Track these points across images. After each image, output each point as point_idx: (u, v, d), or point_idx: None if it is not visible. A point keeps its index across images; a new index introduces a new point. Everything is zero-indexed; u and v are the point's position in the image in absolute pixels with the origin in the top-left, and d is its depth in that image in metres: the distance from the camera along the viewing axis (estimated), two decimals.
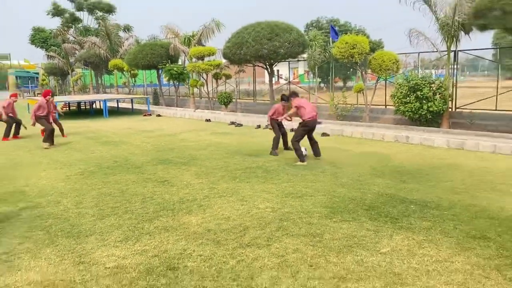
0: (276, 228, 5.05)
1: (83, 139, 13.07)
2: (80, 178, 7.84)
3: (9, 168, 8.90)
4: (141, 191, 6.85)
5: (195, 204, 6.10)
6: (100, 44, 31.23)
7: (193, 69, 20.58)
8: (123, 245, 4.66)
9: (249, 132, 14.02)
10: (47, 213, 5.86)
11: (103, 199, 6.46)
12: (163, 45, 23.45)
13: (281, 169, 8.25)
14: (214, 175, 7.82)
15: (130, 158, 9.69)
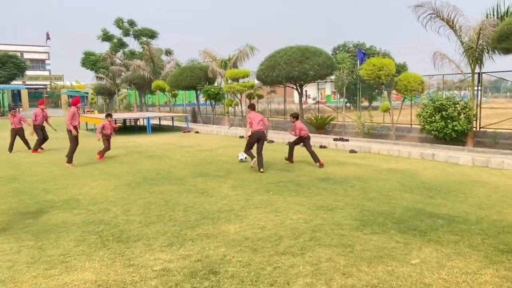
0: (309, 238, 5.05)
1: (129, 153, 13.43)
2: (128, 189, 8.06)
3: (64, 178, 9.25)
4: (183, 201, 6.99)
5: (232, 214, 6.17)
6: (144, 66, 32.22)
7: (229, 90, 20.92)
8: (168, 250, 4.77)
9: (279, 148, 14.05)
10: (99, 219, 6.05)
11: (149, 207, 6.62)
12: (202, 68, 23.97)
13: (311, 183, 8.23)
14: (249, 188, 7.89)
15: (172, 171, 9.90)
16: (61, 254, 4.71)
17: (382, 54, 33.66)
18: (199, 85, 23.54)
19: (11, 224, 5.83)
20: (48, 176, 9.52)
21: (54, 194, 7.65)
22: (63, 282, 4.02)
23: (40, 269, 4.29)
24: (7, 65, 47.20)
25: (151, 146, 15.12)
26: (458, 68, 13.31)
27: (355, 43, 41.86)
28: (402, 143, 13.72)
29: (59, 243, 5.04)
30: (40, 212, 6.46)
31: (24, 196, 7.57)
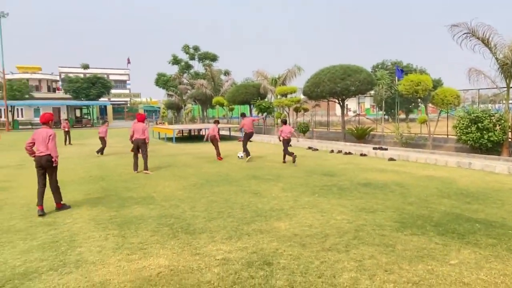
0: (353, 237, 4.91)
1: (194, 158, 13.81)
2: (194, 188, 8.28)
3: (142, 179, 9.68)
4: (240, 200, 7.06)
5: (282, 213, 6.15)
6: (206, 85, 33.16)
7: (278, 104, 20.97)
8: (228, 242, 4.83)
9: (323, 156, 13.85)
10: (170, 214, 6.26)
11: (211, 205, 6.76)
12: (255, 86, 24.26)
13: (353, 187, 8.02)
14: (297, 190, 7.83)
15: (230, 174, 10.05)
16: (140, 242, 4.92)
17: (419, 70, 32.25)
18: (253, 100, 23.85)
19: (100, 216, 6.19)
20: (129, 176, 10.02)
21: (133, 192, 8.02)
22: (142, 265, 4.19)
23: (123, 254, 4.51)
24: (96, 85, 50.48)
25: (212, 153, 15.37)
26: (493, 83, 12.45)
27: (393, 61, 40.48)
28: (439, 152, 13.01)
29: (138, 233, 5.27)
30: (123, 206, 6.80)
31: (109, 192, 8.01)
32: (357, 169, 10.43)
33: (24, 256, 4.47)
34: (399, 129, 15.67)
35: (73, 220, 5.93)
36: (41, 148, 6.47)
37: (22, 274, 4.00)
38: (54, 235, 5.23)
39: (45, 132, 6.51)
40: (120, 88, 74.54)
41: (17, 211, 6.57)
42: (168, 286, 3.69)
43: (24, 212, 6.48)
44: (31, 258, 4.41)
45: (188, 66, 45.82)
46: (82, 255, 4.48)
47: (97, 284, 3.76)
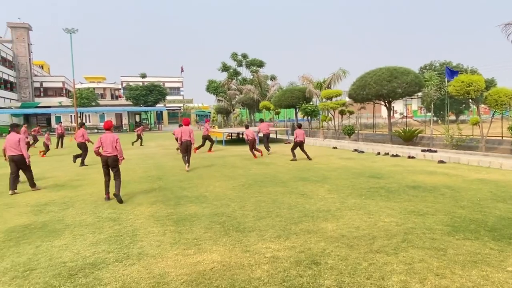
0: (402, 240, 4.71)
1: (242, 160, 13.98)
2: (243, 189, 8.39)
3: (195, 179, 9.98)
4: (287, 200, 7.04)
5: (329, 214, 6.04)
6: (254, 90, 33.49)
7: (323, 107, 20.65)
8: (277, 240, 4.84)
9: (369, 158, 13.41)
10: (221, 212, 6.39)
11: (260, 205, 6.80)
12: (300, 90, 24.09)
13: (401, 190, 7.68)
14: (343, 192, 7.65)
15: (277, 175, 10.06)
16: (194, 238, 5.08)
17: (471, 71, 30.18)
18: (298, 104, 23.71)
19: (159, 213, 6.47)
20: (183, 176, 10.37)
21: (188, 191, 8.30)
22: (197, 260, 4.33)
23: (180, 249, 4.68)
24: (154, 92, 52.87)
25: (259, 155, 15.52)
26: None
27: (441, 62, 38.27)
28: (492, 154, 12.08)
29: (193, 230, 5.45)
30: (178, 204, 7.05)
31: (166, 191, 8.35)
32: (405, 172, 9.99)
33: (93, 248, 4.80)
34: (449, 131, 14.77)
35: (135, 217, 6.26)
36: (109, 149, 7.54)
37: (92, 264, 4.29)
38: (118, 229, 5.56)
39: (112, 136, 7.62)
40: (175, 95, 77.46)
41: (87, 207, 7.07)
42: (221, 280, 3.77)
43: (92, 208, 6.95)
44: (99, 250, 4.72)
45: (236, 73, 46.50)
46: (143, 249, 4.72)
47: (157, 276, 3.94)
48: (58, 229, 5.65)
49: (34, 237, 5.32)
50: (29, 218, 6.37)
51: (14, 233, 5.53)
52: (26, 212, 6.80)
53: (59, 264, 4.30)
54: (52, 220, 6.17)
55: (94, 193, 8.34)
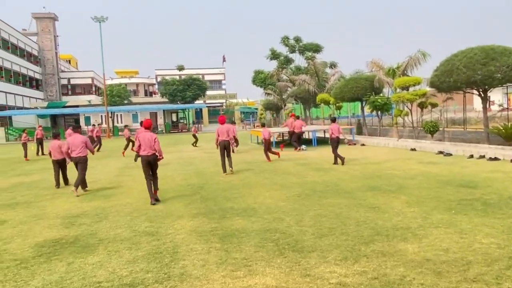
0: (506, 267, 4.42)
1: (296, 165, 13.97)
2: (298, 200, 8.38)
3: (241, 188, 10.15)
4: (354, 215, 6.91)
5: (409, 232, 5.83)
6: (309, 81, 33.27)
7: (397, 99, 19.98)
8: (343, 264, 4.77)
9: (459, 162, 12.75)
10: (274, 228, 6.42)
11: (320, 219, 6.75)
12: (367, 78, 23.54)
13: (504, 203, 7.21)
14: (426, 205, 7.35)
15: (340, 183, 9.92)
16: (244, 257, 5.16)
17: None
18: (365, 96, 23.15)
19: (201, 227, 6.66)
20: (227, 185, 10.59)
21: (233, 202, 8.46)
22: (248, 284, 4.38)
23: (227, 270, 4.78)
24: (192, 87, 54.55)
25: (317, 159, 15.44)
26: None
27: None
28: None
29: (242, 248, 5.54)
30: (223, 218, 7.21)
31: (209, 202, 8.58)
32: (508, 179, 9.36)
33: (130, 267, 5.05)
34: None
35: (175, 231, 6.50)
36: (148, 149, 8.71)
37: (129, 285, 4.52)
38: (157, 246, 5.80)
39: (150, 135, 8.77)
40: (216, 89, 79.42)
41: (122, 219, 7.46)
42: None
43: (128, 221, 7.33)
44: (137, 269, 4.96)
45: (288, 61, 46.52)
46: (185, 269, 4.88)
47: None
48: (91, 244, 6.03)
49: (66, 253, 5.72)
50: (59, 231, 6.87)
51: (44, 248, 5.99)
52: (56, 224, 7.33)
53: (94, 284, 4.58)
54: (84, 234, 6.60)
55: (129, 204, 8.78)
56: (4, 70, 54.02)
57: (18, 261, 5.47)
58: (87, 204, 8.98)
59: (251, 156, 17.87)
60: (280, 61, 46.43)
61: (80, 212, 8.21)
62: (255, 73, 53.30)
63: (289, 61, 46.45)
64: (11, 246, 6.17)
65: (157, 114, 53.54)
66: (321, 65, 36.24)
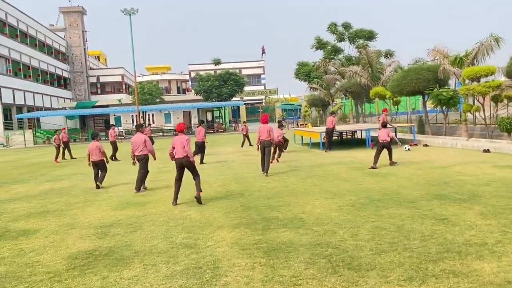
0: None
1: (349, 169, 13.78)
2: (352, 210, 8.25)
3: (286, 195, 10.13)
4: (419, 228, 6.72)
5: (485, 249, 5.59)
6: (361, 72, 32.80)
7: (466, 92, 19.27)
8: (408, 285, 4.64)
9: None
10: (326, 242, 6.36)
11: (379, 233, 6.61)
12: (430, 69, 22.86)
13: None
14: (505, 217, 7.03)
15: (400, 191, 9.69)
16: (292, 275, 5.14)
17: None
18: (427, 89, 22.49)
19: (244, 239, 6.70)
20: (270, 192, 10.61)
21: (278, 211, 8.46)
22: None
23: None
24: (229, 83, 55.17)
25: None
26: None
27: None
28: None
29: (289, 264, 5.51)
30: (268, 229, 7.22)
31: (251, 211, 8.62)
32: None
33: (169, 282, 5.16)
34: None
35: (215, 243, 6.57)
36: (180, 151, 9.56)
37: None
38: (196, 259, 5.89)
39: (183, 138, 9.65)
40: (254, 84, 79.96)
41: (157, 229, 7.64)
42: None
43: (164, 231, 7.49)
44: (176, 285, 5.05)
45: (336, 50, 46.17)
46: (228, 286, 4.92)
47: None
48: (126, 257, 6.21)
49: (100, 265, 5.92)
50: (93, 242, 7.12)
51: (77, 260, 6.23)
52: (89, 235, 7.62)
53: None
54: (118, 245, 6.81)
55: (164, 212, 8.99)
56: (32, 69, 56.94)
57: (51, 274, 5.72)
58: (120, 213, 9.27)
59: (296, 159, 17.81)
60: (327, 51, 46.14)
61: (113, 221, 8.49)
62: (298, 66, 53.20)
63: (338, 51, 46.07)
64: (43, 257, 6.47)
65: (190, 113, 54.59)
66: (374, 54, 35.61)
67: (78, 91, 70.67)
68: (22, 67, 54.50)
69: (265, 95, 78.16)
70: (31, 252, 6.80)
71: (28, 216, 9.53)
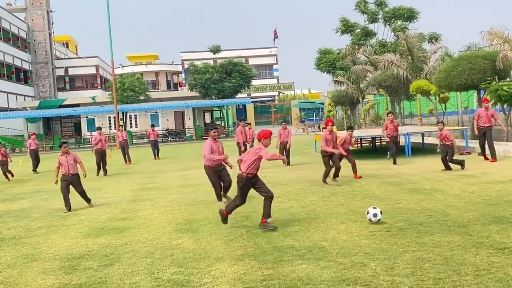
0: None
1: (383, 184, 13.76)
2: (387, 236, 8.22)
3: (304, 217, 10.13)
4: (472, 260, 6.68)
5: None
6: (399, 62, 32.76)
7: None
8: None
9: None
10: (353, 277, 6.32)
11: (421, 266, 6.58)
12: (486, 56, 22.86)
13: None
14: None
15: (449, 212, 9.64)
16: None
17: None
18: (483, 82, 22.46)
19: (249, 275, 6.68)
20: (284, 213, 10.63)
21: (293, 238, 8.45)
22: None
23: None
24: (233, 75, 55.17)
25: (414, 175, 15.13)
26: None
27: None
28: None
29: None
30: (280, 261, 7.20)
31: (259, 238, 8.62)
32: None
33: None
34: None
35: (213, 280, 6.57)
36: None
37: None
38: None
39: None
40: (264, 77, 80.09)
41: (139, 262, 7.66)
42: None
43: (148, 265, 7.51)
44: None
45: (367, 34, 46.12)
46: None
47: None
48: None
49: None
50: (58, 278, 7.15)
51: None
52: (54, 269, 7.65)
53: None
54: (90, 283, 6.83)
55: (148, 241, 9.02)
56: None
57: None
58: (93, 241, 9.31)
59: (316, 171, 17.77)
60: (356, 35, 46.10)
61: (84, 252, 8.52)
62: (319, 54, 53.18)
63: (369, 35, 46.03)
64: None
65: (184, 113, 54.81)
66: (416, 39, 35.56)
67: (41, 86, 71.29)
68: None
69: (278, 91, 78.27)
70: None
71: None
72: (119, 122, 47.06)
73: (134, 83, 56.90)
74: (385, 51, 39.95)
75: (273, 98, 77.31)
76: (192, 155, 29.86)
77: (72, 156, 13.11)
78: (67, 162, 12.89)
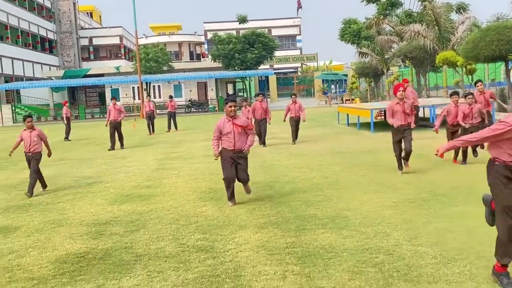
0: None
1: None
2: (411, 207, 8.20)
3: (327, 188, 10.12)
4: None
5: None
6: (425, 33, 32.20)
7: None
8: None
9: None
10: (376, 246, 6.35)
11: (444, 236, 6.57)
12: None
13: None
14: None
15: (474, 184, 9.49)
16: (334, 287, 5.17)
17: None
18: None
19: (272, 242, 6.75)
20: (307, 184, 10.63)
21: (316, 208, 8.48)
22: None
23: None
24: (256, 46, 54.71)
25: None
26: None
27: None
28: None
29: (329, 273, 5.55)
30: (303, 229, 7.26)
31: (282, 207, 8.66)
32: None
33: None
34: None
35: (237, 246, 6.66)
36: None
37: None
38: (213, 266, 5.99)
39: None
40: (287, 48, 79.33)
41: (165, 228, 7.78)
42: None
43: (173, 231, 7.62)
44: None
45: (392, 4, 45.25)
46: None
47: None
48: (126, 262, 6.36)
49: (94, 271, 6.09)
50: (85, 243, 7.31)
51: (67, 264, 6.41)
52: (80, 234, 7.81)
53: None
54: (117, 248, 6.97)
55: (173, 208, 9.14)
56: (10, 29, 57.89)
57: (35, 280, 5.91)
58: (119, 208, 9.46)
59: (339, 143, 17.74)
60: (381, 4, 45.33)
61: (110, 218, 8.67)
62: (344, 24, 52.53)
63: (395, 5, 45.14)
64: (25, 260, 6.68)
65: (206, 84, 54.77)
66: (443, 9, 34.75)
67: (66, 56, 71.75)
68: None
69: (301, 62, 77.54)
70: (10, 253, 7.03)
71: (7, 210, 9.84)
72: (143, 92, 47.29)
73: (158, 54, 56.80)
74: (411, 22, 39.21)
75: (295, 69, 76.68)
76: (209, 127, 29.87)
77: (37, 132, 11.64)
78: (30, 139, 11.51)
